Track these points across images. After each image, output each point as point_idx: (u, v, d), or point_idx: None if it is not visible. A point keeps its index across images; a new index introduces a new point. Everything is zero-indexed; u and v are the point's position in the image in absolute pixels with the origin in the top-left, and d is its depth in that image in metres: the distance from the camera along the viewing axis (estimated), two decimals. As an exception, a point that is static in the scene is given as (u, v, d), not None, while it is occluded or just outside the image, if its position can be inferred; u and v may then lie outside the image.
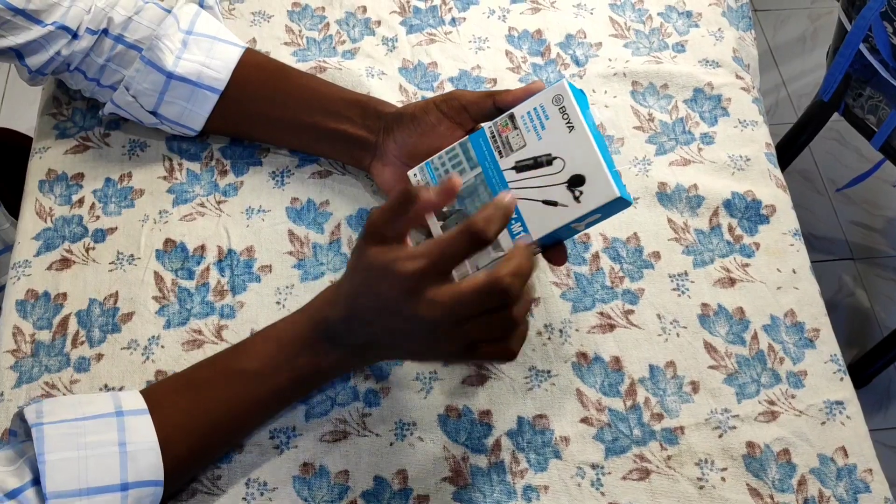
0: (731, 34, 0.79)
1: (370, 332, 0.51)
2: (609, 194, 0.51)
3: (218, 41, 0.66)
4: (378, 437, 0.57)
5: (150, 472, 0.48)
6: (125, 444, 0.48)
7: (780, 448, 0.57)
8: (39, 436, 0.46)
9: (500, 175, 0.55)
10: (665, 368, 0.60)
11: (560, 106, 0.53)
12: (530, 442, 0.57)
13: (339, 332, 0.52)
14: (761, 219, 0.67)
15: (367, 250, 0.50)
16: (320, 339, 0.53)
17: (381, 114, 0.63)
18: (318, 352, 0.53)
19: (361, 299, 0.51)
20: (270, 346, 0.53)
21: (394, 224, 0.49)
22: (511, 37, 0.78)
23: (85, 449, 0.47)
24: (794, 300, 0.64)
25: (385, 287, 0.49)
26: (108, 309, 0.62)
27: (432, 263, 0.47)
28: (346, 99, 0.65)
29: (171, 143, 0.70)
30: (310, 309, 0.54)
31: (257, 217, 0.66)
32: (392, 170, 0.63)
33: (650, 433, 0.57)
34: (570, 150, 0.53)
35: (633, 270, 0.64)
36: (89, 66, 0.66)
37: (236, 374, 0.53)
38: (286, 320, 0.55)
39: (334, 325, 0.52)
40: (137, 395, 0.51)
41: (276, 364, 0.53)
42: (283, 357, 0.53)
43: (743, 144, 0.71)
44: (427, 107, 0.60)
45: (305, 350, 0.53)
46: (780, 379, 0.60)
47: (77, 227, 0.66)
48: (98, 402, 0.50)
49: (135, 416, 0.49)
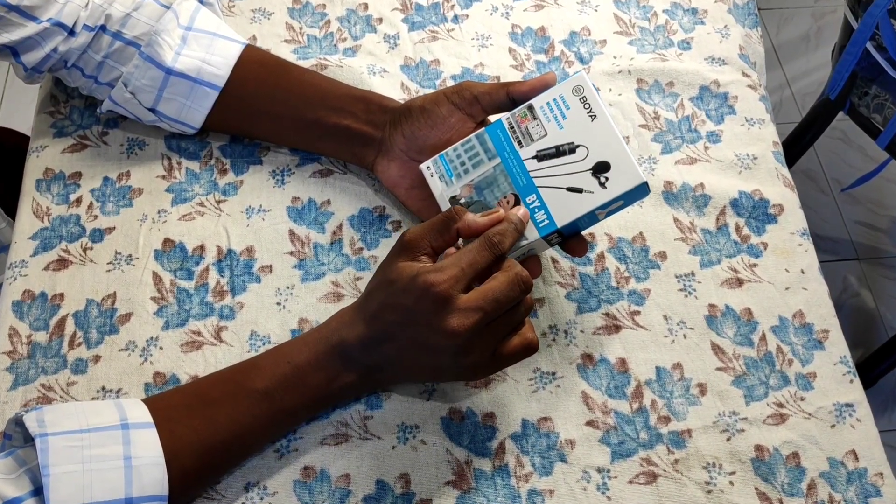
0: (737, 31, 0.78)
1: (387, 352, 0.52)
2: (635, 179, 0.53)
3: (218, 37, 0.65)
4: (380, 440, 0.56)
5: (155, 487, 0.47)
6: (130, 458, 0.47)
7: (789, 451, 0.56)
8: (44, 447, 0.45)
9: (520, 164, 0.55)
10: (672, 370, 0.59)
11: (581, 96, 0.54)
12: (535, 445, 0.56)
13: (355, 353, 0.52)
14: (769, 218, 0.66)
15: (396, 264, 0.51)
16: (334, 360, 0.52)
17: (385, 108, 0.62)
18: (331, 373, 0.52)
19: (387, 314, 0.51)
20: (283, 366, 0.52)
21: (431, 242, 0.52)
22: (514, 34, 0.77)
23: (90, 462, 0.46)
24: (802, 301, 0.63)
25: (413, 300, 0.50)
26: (105, 310, 0.61)
27: (463, 274, 0.50)
28: (349, 94, 0.64)
29: (169, 142, 0.69)
30: (325, 329, 0.54)
31: (257, 216, 0.65)
32: (398, 165, 0.62)
33: (657, 436, 0.56)
34: (594, 138, 0.54)
35: (639, 271, 0.63)
36: (87, 62, 0.65)
37: (247, 393, 0.51)
38: (300, 340, 0.54)
39: (350, 347, 0.52)
40: (143, 407, 0.50)
41: (288, 385, 0.52)
42: (296, 378, 0.52)
43: (750, 143, 0.70)
44: (438, 98, 0.60)
45: (318, 372, 0.52)
46: (788, 381, 0.59)
47: (74, 227, 0.65)
48: (103, 413, 0.49)
49: (141, 429, 0.48)
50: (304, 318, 0.60)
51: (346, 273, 0.63)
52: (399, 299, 0.50)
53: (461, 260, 0.50)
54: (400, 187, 0.63)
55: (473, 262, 0.50)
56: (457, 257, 0.51)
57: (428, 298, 0.49)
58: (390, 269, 0.52)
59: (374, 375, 0.54)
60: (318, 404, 0.54)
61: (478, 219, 0.52)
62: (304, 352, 0.53)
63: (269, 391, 0.52)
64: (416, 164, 0.61)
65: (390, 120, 0.62)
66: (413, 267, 0.51)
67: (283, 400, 0.52)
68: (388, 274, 0.51)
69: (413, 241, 0.52)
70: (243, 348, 0.59)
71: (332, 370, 0.52)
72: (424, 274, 0.49)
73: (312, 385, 0.52)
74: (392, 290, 0.51)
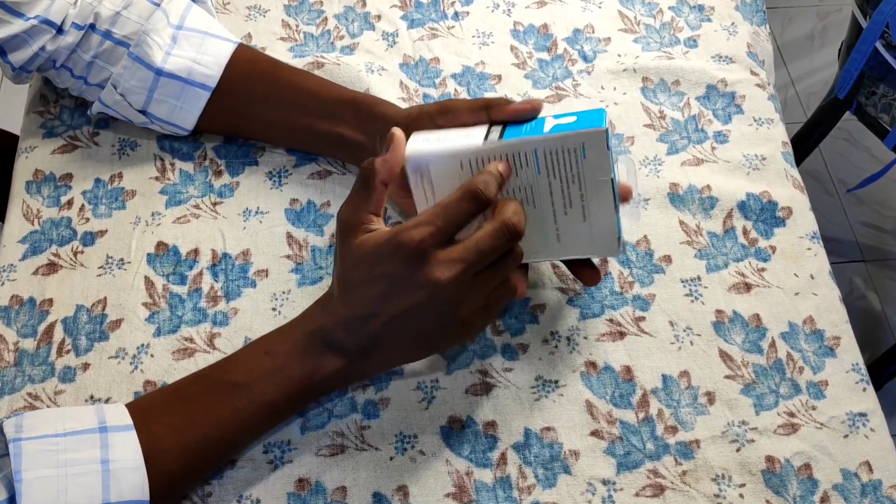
0: (745, 29, 0.76)
1: (373, 328, 0.49)
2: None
3: (209, 36, 0.63)
4: (377, 450, 0.54)
5: (135, 491, 0.45)
6: (108, 461, 0.45)
7: (801, 462, 0.54)
8: (17, 452, 0.44)
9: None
10: (679, 378, 0.57)
11: None
12: (538, 456, 0.54)
13: (338, 337, 0.50)
14: (777, 221, 0.64)
15: (349, 244, 0.49)
16: (316, 348, 0.50)
17: (375, 116, 0.60)
18: (313, 362, 0.50)
19: (366, 289, 0.49)
20: (262, 358, 0.50)
21: (367, 207, 0.49)
22: (516, 31, 0.75)
23: (65, 467, 0.44)
24: (812, 306, 0.61)
25: (390, 267, 0.47)
26: (95, 316, 0.59)
27: (438, 229, 0.47)
28: (341, 98, 0.62)
29: (162, 143, 0.67)
30: (302, 318, 0.52)
31: (255, 219, 0.64)
32: None
33: (664, 447, 0.55)
34: None
35: (644, 275, 0.62)
36: (76, 63, 0.63)
37: (227, 387, 0.50)
38: (278, 331, 0.52)
39: (331, 331, 0.50)
40: (123, 410, 0.48)
41: (268, 377, 0.50)
42: (276, 369, 0.50)
43: (758, 143, 0.69)
44: (421, 118, 0.57)
45: (300, 361, 0.50)
46: (799, 389, 0.57)
47: (65, 230, 0.63)
48: (81, 417, 0.47)
49: (119, 432, 0.47)
50: (300, 324, 0.59)
51: (344, 277, 0.61)
52: (375, 270, 0.48)
53: (436, 216, 0.48)
54: (396, 196, 0.62)
55: (451, 215, 0.48)
56: (432, 212, 0.48)
57: (405, 258, 0.47)
58: (348, 250, 0.49)
59: (361, 360, 0.51)
60: (303, 397, 0.52)
61: (388, 159, 0.50)
62: (283, 342, 0.51)
63: (249, 385, 0.49)
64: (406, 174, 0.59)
65: (378, 131, 0.60)
66: (373, 237, 0.48)
67: (263, 393, 0.50)
68: (349, 255, 0.49)
69: (347, 219, 0.50)
70: (237, 355, 0.57)
71: (313, 359, 0.50)
72: (396, 235, 0.47)
73: (294, 376, 0.50)
74: (359, 267, 0.49)
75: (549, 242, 0.52)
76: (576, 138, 0.49)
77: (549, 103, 0.70)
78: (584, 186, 0.50)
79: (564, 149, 0.49)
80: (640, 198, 0.64)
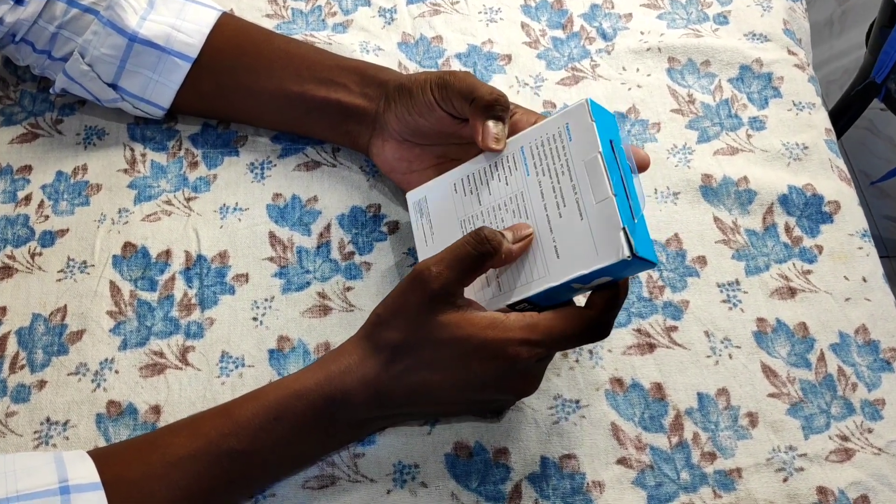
0: (780, 4, 0.69)
1: (410, 409, 0.46)
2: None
3: (191, 1, 0.57)
4: (373, 482, 0.47)
5: None
6: None
7: (856, 494, 0.48)
8: None
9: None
10: (716, 397, 0.50)
11: None
12: (556, 488, 0.47)
13: (359, 412, 0.44)
14: (824, 217, 0.58)
15: (435, 317, 0.43)
16: (331, 417, 0.44)
17: (381, 81, 0.54)
18: (324, 432, 0.45)
19: (431, 374, 0.43)
20: (269, 423, 0.43)
21: (466, 282, 0.44)
22: (527, 7, 0.68)
23: None
24: (865, 314, 0.54)
25: (489, 368, 0.43)
26: (54, 326, 0.52)
27: (544, 350, 0.43)
28: (340, 65, 0.56)
29: (133, 130, 0.60)
30: (323, 377, 0.44)
31: (233, 216, 0.57)
32: (394, 146, 0.54)
33: (701, 476, 0.48)
34: None
35: (675, 279, 0.55)
36: (38, 35, 0.57)
37: (223, 454, 0.42)
38: (291, 389, 0.44)
39: (355, 406, 0.44)
40: (88, 462, 0.41)
41: (272, 447, 0.43)
42: (283, 439, 0.43)
43: (799, 130, 0.62)
44: (424, 86, 0.51)
45: (311, 431, 0.44)
46: (853, 409, 0.50)
47: (22, 229, 0.56)
48: (38, 472, 0.40)
49: (84, 493, 0.39)
50: (285, 335, 0.52)
51: (335, 282, 0.54)
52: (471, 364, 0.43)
53: (545, 334, 0.43)
54: (396, 171, 0.55)
55: (556, 341, 0.43)
56: (543, 330, 0.43)
57: (507, 369, 0.43)
58: (433, 323, 0.42)
59: (373, 426, 0.47)
60: (306, 463, 0.47)
61: (514, 249, 0.44)
62: (296, 406, 0.43)
63: (249, 453, 0.43)
64: (412, 146, 0.54)
65: (385, 95, 0.53)
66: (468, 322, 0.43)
67: (266, 463, 0.44)
68: (433, 330, 0.42)
69: (446, 286, 0.42)
70: (212, 373, 0.50)
71: (326, 428, 0.44)
72: (504, 346, 0.42)
73: (305, 453, 0.46)
74: (448, 349, 0.43)
75: (549, 261, 0.45)
76: (558, 121, 0.46)
77: (565, 86, 0.63)
78: (575, 175, 0.44)
79: (549, 136, 0.46)
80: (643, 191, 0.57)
